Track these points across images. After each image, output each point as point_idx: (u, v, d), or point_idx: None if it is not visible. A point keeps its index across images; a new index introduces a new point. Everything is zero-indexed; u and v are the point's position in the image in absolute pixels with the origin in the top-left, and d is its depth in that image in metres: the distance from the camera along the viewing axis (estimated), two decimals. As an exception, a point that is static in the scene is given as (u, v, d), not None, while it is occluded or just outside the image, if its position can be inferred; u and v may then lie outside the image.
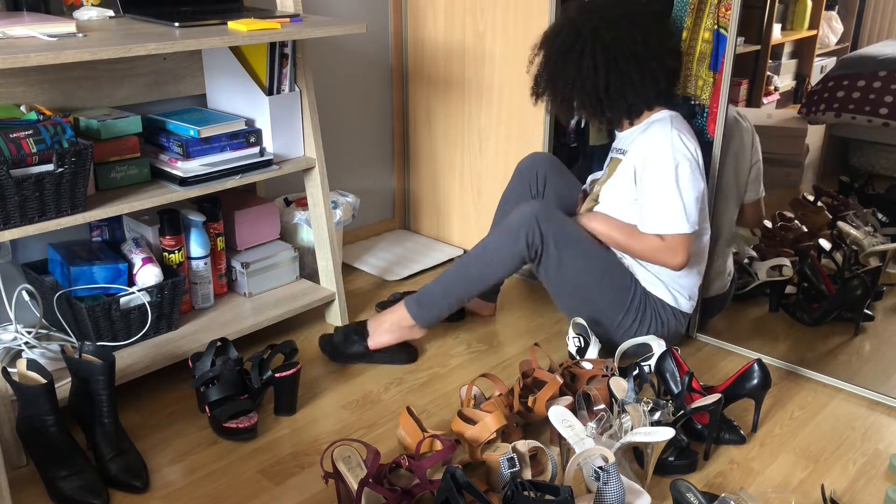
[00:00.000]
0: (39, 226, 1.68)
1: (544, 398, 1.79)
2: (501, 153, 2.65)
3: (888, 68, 3.60)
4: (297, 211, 2.41)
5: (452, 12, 2.64)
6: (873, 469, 1.77)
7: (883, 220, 2.74)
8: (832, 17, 2.73)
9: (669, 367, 1.87)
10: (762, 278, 2.43)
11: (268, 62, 2.07)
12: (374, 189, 2.94)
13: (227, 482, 1.69)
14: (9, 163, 1.60)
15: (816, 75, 2.78)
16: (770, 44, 2.69)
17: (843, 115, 3.62)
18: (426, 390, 2.04)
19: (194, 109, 2.14)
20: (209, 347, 1.91)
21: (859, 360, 2.24)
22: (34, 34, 1.62)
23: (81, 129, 1.88)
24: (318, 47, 2.51)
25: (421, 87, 2.83)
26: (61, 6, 1.92)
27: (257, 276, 2.26)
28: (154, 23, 1.87)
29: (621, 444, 1.63)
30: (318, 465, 1.66)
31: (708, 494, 1.57)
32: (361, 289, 2.58)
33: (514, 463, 1.56)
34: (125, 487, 1.65)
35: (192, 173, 1.91)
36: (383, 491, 1.51)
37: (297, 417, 1.92)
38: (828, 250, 2.56)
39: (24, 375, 1.68)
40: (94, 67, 1.98)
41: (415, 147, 2.92)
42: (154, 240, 2.07)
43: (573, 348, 1.99)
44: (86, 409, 1.71)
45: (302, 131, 2.16)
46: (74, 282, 1.89)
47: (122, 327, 1.93)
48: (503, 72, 2.56)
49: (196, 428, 1.86)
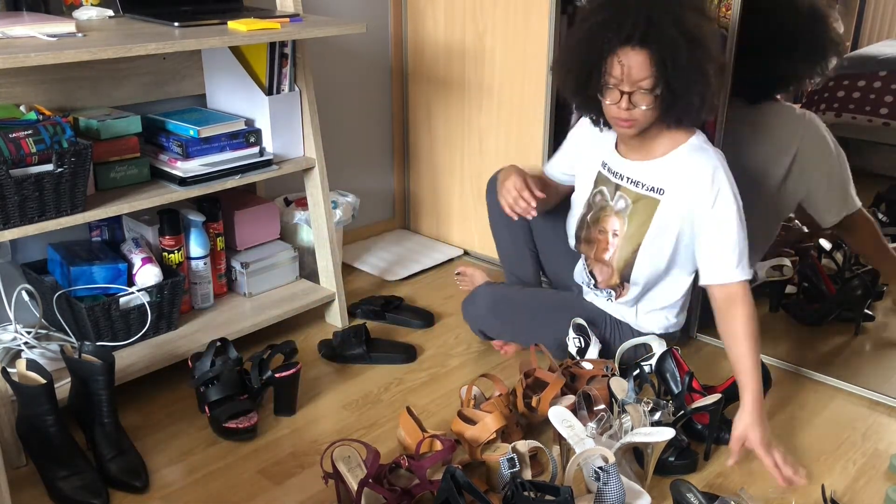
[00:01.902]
0: (39, 226, 1.68)
1: (548, 398, 1.79)
2: (501, 153, 2.65)
3: (888, 68, 3.60)
4: (297, 211, 2.41)
5: (452, 12, 2.64)
6: (873, 469, 1.77)
7: (883, 220, 2.74)
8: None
9: (670, 367, 1.87)
10: (762, 278, 2.43)
11: (268, 62, 2.07)
12: (374, 189, 2.94)
13: (227, 482, 1.69)
14: (8, 163, 1.60)
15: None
16: (770, 44, 2.68)
17: (843, 115, 3.63)
18: (426, 390, 2.04)
19: (194, 109, 2.14)
20: (209, 347, 1.91)
21: (859, 360, 2.24)
22: (34, 34, 1.62)
23: (81, 129, 1.87)
24: (318, 47, 2.51)
25: (421, 87, 2.83)
26: (61, 6, 1.92)
27: (257, 276, 2.26)
28: (154, 23, 1.87)
29: (621, 445, 1.63)
30: (318, 465, 1.66)
31: (708, 495, 1.57)
32: (361, 289, 2.58)
33: (514, 463, 1.56)
34: (125, 487, 1.64)
35: (192, 173, 1.91)
36: (383, 491, 1.51)
37: (297, 417, 1.92)
38: (828, 250, 2.56)
39: (24, 375, 1.68)
40: (93, 67, 1.97)
41: (415, 147, 2.92)
42: (154, 240, 2.07)
43: (573, 349, 1.99)
44: (85, 409, 1.71)
45: (302, 131, 2.16)
46: (74, 282, 1.89)
47: (122, 327, 1.93)
48: (503, 72, 2.56)
49: (196, 428, 1.86)
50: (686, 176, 1.80)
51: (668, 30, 1.68)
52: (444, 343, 2.26)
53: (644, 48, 1.68)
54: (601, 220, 1.95)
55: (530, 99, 2.49)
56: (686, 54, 1.68)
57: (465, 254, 2.86)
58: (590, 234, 1.99)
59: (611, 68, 1.72)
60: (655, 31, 1.67)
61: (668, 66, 1.68)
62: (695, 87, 1.72)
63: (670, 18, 1.69)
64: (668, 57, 1.68)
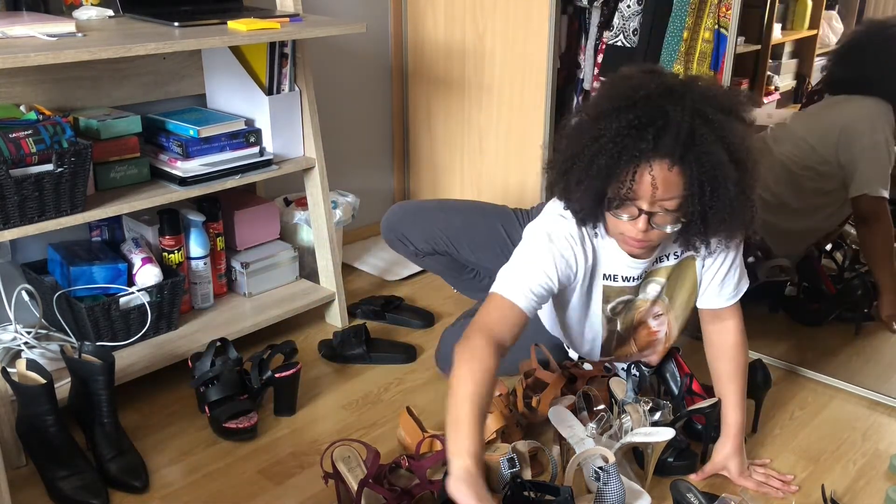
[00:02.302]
0: (39, 226, 1.68)
1: (548, 398, 1.79)
2: (501, 153, 2.65)
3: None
4: (297, 211, 2.40)
5: (452, 12, 2.64)
6: (873, 469, 1.77)
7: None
8: (832, 16, 2.72)
9: (670, 367, 1.87)
10: (762, 278, 2.43)
11: (267, 62, 2.07)
12: (374, 189, 2.94)
13: (227, 482, 1.69)
14: (8, 163, 1.60)
15: (817, 75, 2.77)
16: (770, 43, 2.68)
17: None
18: (426, 390, 2.04)
19: (194, 109, 2.14)
20: (209, 347, 1.91)
21: (859, 360, 2.24)
22: (34, 34, 1.62)
23: (81, 129, 1.87)
24: (318, 47, 2.51)
25: (421, 87, 2.83)
26: (61, 6, 1.91)
27: (257, 276, 2.26)
28: (154, 23, 1.87)
29: (621, 445, 1.63)
30: (318, 465, 1.66)
31: (708, 495, 1.57)
32: (361, 289, 2.58)
33: (514, 463, 1.56)
34: (125, 487, 1.64)
35: (192, 173, 1.91)
36: (383, 491, 1.51)
37: (297, 417, 1.92)
38: (828, 250, 2.56)
39: (24, 375, 1.68)
40: (93, 67, 1.97)
41: (415, 147, 2.92)
42: (154, 240, 2.07)
43: (575, 354, 1.98)
44: (85, 409, 1.71)
45: (302, 131, 2.16)
46: (74, 282, 1.89)
47: (122, 327, 1.93)
48: (503, 72, 2.56)
49: (196, 428, 1.86)
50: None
51: (713, 147, 1.40)
52: (444, 343, 2.26)
53: (682, 167, 1.41)
54: (636, 318, 1.78)
55: (530, 99, 2.49)
56: (733, 179, 1.42)
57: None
58: (624, 339, 1.82)
59: (636, 183, 1.42)
60: (698, 149, 1.40)
61: (707, 191, 1.42)
62: (734, 215, 1.47)
63: (715, 133, 1.41)
64: (709, 180, 1.41)
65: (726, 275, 1.70)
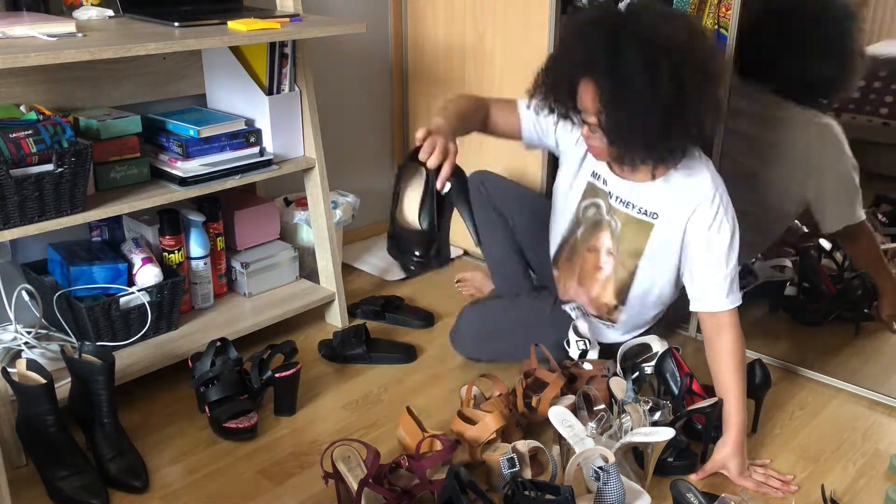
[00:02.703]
0: (39, 226, 1.68)
1: (548, 398, 1.79)
2: (502, 153, 2.65)
3: (888, 68, 3.60)
4: (297, 211, 2.41)
5: (452, 12, 2.64)
6: (873, 469, 1.77)
7: (883, 220, 2.74)
8: (832, 16, 2.71)
9: (670, 367, 1.87)
10: (762, 278, 2.43)
11: (268, 62, 2.07)
12: (374, 189, 2.94)
13: (227, 482, 1.69)
14: (8, 163, 1.60)
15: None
16: (770, 44, 2.68)
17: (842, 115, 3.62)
18: (426, 390, 2.04)
19: (194, 109, 2.14)
20: (209, 347, 1.91)
21: (859, 360, 2.24)
22: (34, 34, 1.62)
23: (81, 129, 1.87)
24: (318, 47, 2.51)
25: (421, 87, 2.83)
26: (61, 6, 1.91)
27: (257, 276, 2.26)
28: (154, 23, 1.87)
29: (621, 445, 1.63)
30: (318, 465, 1.66)
31: (708, 495, 1.57)
32: (361, 289, 2.58)
33: (514, 463, 1.57)
34: (125, 487, 1.64)
35: (192, 173, 1.91)
36: (383, 491, 1.51)
37: (297, 417, 1.92)
38: (828, 250, 2.55)
39: (24, 375, 1.68)
40: (93, 67, 1.97)
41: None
42: (154, 240, 2.07)
43: (575, 353, 1.98)
44: (86, 409, 1.71)
45: (302, 131, 2.16)
46: (74, 282, 1.89)
47: (122, 327, 1.93)
48: (503, 72, 2.56)
49: (196, 428, 1.86)
50: (683, 200, 1.74)
51: (630, 68, 1.55)
52: (444, 343, 2.25)
53: (590, 80, 1.63)
54: (593, 238, 1.88)
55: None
56: (639, 86, 1.55)
57: (465, 254, 2.86)
58: (574, 252, 1.92)
59: (578, 95, 1.69)
60: (606, 61, 1.58)
61: (611, 106, 1.61)
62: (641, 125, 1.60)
63: (634, 45, 1.56)
64: (612, 96, 1.60)
65: (712, 267, 1.72)
